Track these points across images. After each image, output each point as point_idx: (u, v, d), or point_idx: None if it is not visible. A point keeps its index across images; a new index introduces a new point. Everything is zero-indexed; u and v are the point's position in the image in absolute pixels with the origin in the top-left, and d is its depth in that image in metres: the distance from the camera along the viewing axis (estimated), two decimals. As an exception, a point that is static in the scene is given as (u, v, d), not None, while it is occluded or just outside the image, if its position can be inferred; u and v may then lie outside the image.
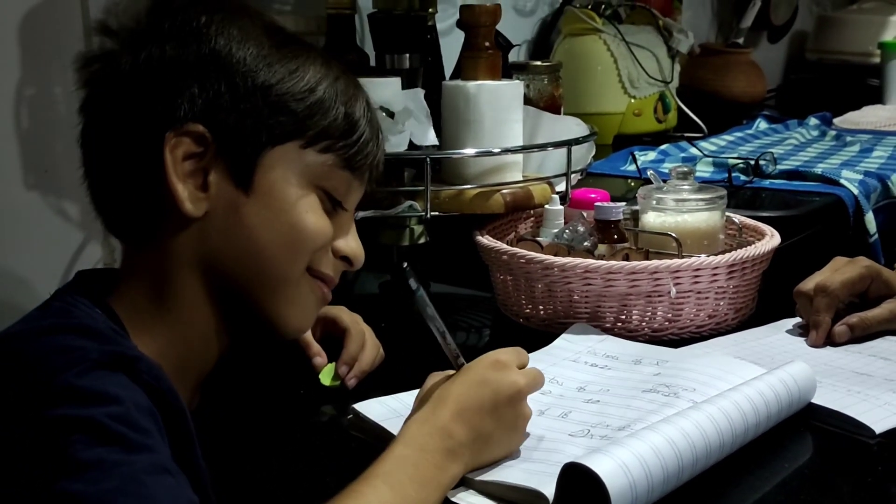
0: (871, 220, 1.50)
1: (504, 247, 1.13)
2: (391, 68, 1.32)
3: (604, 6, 2.03)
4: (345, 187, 0.81)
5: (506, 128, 1.21)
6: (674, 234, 1.13)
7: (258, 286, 0.78)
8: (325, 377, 0.97)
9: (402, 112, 1.15)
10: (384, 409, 0.88)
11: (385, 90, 1.15)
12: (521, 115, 1.23)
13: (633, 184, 1.59)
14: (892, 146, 1.90)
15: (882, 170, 1.65)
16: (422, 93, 1.22)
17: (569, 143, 1.23)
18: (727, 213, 1.22)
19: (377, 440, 0.83)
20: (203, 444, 0.70)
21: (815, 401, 0.88)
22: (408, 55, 1.33)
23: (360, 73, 0.85)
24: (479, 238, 1.17)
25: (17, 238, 1.19)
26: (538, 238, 1.18)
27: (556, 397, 0.91)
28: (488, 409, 0.76)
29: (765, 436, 0.83)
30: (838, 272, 1.07)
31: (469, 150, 1.19)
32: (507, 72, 1.48)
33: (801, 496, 0.77)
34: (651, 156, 1.79)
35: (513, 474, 0.75)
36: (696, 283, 1.06)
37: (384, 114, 1.12)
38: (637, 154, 1.73)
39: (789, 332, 1.09)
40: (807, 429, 0.86)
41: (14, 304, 1.16)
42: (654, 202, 1.20)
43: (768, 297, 1.16)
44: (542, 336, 1.07)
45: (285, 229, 0.77)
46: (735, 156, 1.73)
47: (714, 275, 1.07)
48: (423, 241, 1.25)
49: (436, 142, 1.21)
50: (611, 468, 0.68)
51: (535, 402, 0.81)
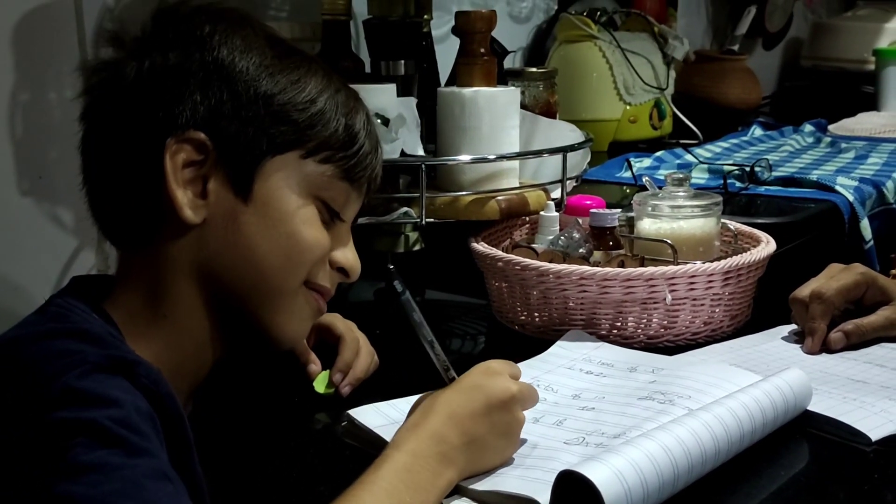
0: (866, 226, 1.50)
1: (499, 253, 1.13)
2: (386, 75, 1.32)
3: (599, 13, 2.03)
4: (343, 198, 0.81)
5: (502, 134, 1.21)
6: (669, 241, 1.13)
7: (254, 296, 0.78)
8: (320, 385, 0.97)
9: (396, 119, 1.15)
10: (379, 416, 0.88)
11: (380, 97, 1.15)
12: (517, 122, 1.23)
13: (628, 190, 1.59)
14: (887, 153, 1.91)
15: (877, 176, 1.65)
16: (414, 101, 1.22)
17: (564, 150, 1.23)
18: (722, 220, 1.22)
19: (371, 447, 0.82)
20: (197, 451, 0.69)
21: (811, 408, 0.88)
22: (403, 62, 1.33)
23: (355, 80, 0.86)
24: (475, 245, 1.17)
25: (11, 244, 1.19)
26: (533, 245, 1.18)
27: (551, 405, 0.91)
28: (481, 414, 0.75)
29: (760, 443, 0.82)
30: (834, 279, 1.07)
31: (464, 157, 1.19)
32: (503, 78, 1.48)
33: (797, 504, 0.76)
34: (646, 162, 1.79)
35: (507, 482, 0.75)
36: (692, 289, 1.06)
37: (379, 121, 1.12)
38: (632, 161, 1.73)
39: (785, 339, 1.09)
40: (803, 436, 0.86)
41: (7, 310, 1.16)
42: (650, 209, 1.20)
43: (764, 304, 1.16)
44: (538, 343, 1.06)
45: (283, 240, 0.77)
46: (730, 162, 1.74)
47: (710, 282, 1.07)
48: (418, 247, 1.25)
49: (422, 153, 1.21)
50: (606, 476, 0.68)
51: (530, 409, 0.81)
